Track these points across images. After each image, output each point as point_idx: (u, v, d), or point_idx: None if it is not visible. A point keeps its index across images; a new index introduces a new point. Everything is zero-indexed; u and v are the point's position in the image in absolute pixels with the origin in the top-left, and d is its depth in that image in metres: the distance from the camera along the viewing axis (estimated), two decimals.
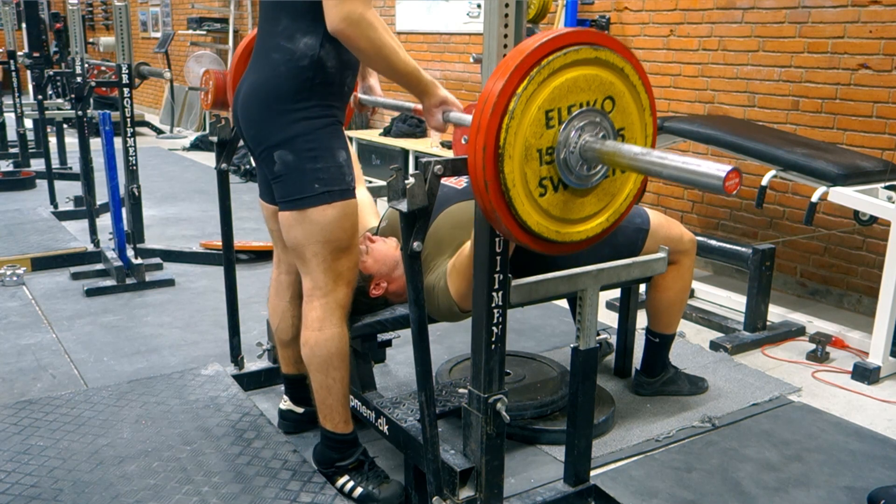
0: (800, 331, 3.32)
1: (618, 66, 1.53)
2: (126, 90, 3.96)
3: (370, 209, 2.60)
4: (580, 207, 1.58)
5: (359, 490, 2.07)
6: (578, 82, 1.49)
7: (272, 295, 2.33)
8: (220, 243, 2.64)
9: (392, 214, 2.37)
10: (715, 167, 1.29)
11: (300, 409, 2.42)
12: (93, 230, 4.22)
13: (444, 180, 1.90)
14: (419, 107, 2.03)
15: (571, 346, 1.92)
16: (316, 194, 1.91)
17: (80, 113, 4.02)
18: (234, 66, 2.38)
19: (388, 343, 2.33)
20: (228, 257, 2.63)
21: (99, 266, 3.98)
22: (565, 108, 1.49)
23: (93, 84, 4.22)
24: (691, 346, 3.15)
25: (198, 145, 8.24)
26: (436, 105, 1.90)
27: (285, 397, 2.44)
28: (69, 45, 5.53)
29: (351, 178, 1.96)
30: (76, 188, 5.22)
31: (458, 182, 2.32)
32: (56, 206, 5.17)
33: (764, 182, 3.11)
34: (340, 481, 2.09)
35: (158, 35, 10.69)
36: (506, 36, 1.52)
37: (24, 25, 8.19)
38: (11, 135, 7.12)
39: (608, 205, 1.61)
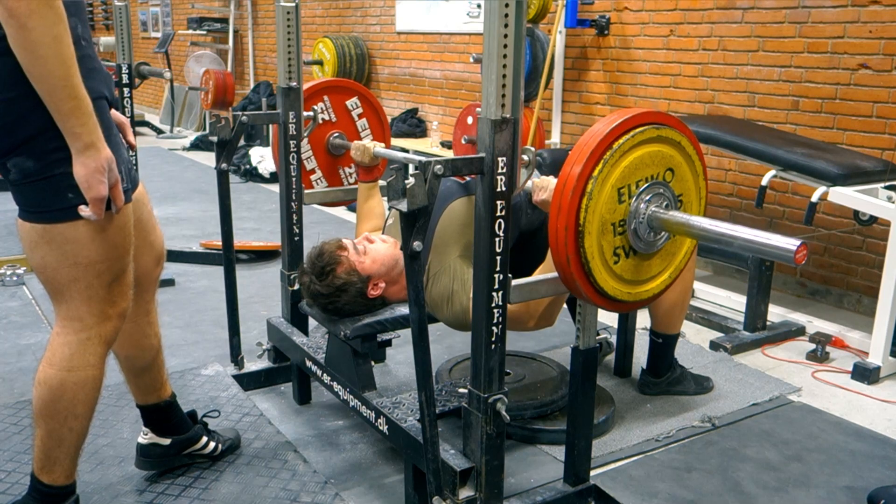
0: (800, 331, 3.32)
1: (675, 140, 1.68)
2: (126, 90, 3.96)
3: (381, 218, 2.61)
4: (647, 269, 1.73)
5: None
6: (644, 159, 1.63)
7: None
8: (220, 243, 2.65)
9: (396, 212, 2.38)
10: (785, 241, 1.47)
11: (167, 441, 2.08)
12: None
13: None
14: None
15: (571, 346, 1.92)
16: (70, 206, 1.50)
17: None
18: None
19: (388, 343, 2.33)
20: (228, 257, 2.63)
21: None
22: (634, 184, 1.63)
23: None
24: (691, 346, 3.15)
25: (198, 145, 8.24)
26: (97, 168, 1.45)
27: (146, 430, 2.07)
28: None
29: (125, 177, 1.57)
30: None
31: (461, 176, 2.32)
32: None
33: (764, 182, 3.11)
34: None
35: (158, 35, 10.70)
36: (506, 36, 1.52)
37: None
38: None
39: (670, 263, 1.78)
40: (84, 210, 1.50)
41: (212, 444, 2.15)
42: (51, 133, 1.45)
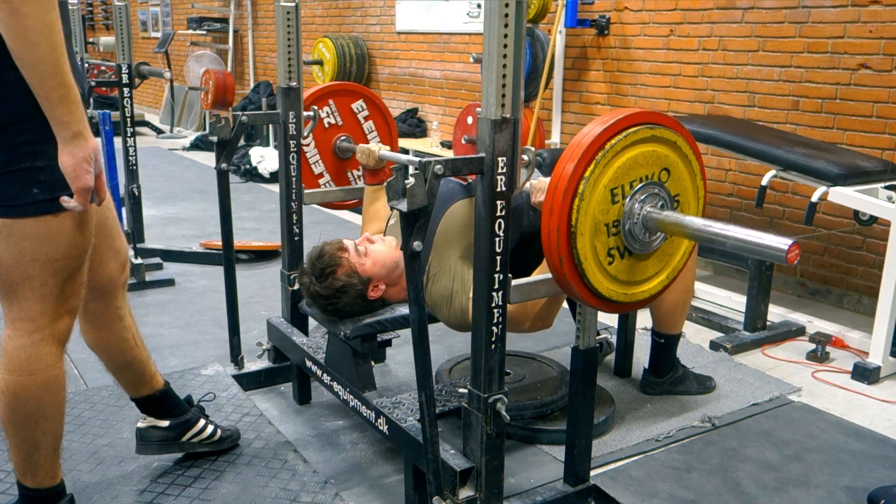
0: (800, 331, 3.32)
1: (671, 140, 1.67)
2: (126, 90, 3.96)
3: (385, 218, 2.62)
4: (643, 270, 1.72)
5: None
6: (638, 159, 1.62)
7: (85, 327, 1.91)
8: (220, 243, 2.65)
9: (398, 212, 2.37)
10: (776, 240, 1.46)
11: (165, 423, 2.09)
12: None
13: None
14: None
15: (571, 346, 1.92)
16: (34, 202, 1.48)
17: None
18: None
19: (388, 343, 2.33)
20: (228, 257, 2.63)
21: None
22: (627, 184, 1.63)
23: (93, 84, 4.22)
24: (691, 346, 3.15)
25: (198, 145, 8.24)
26: (85, 157, 1.43)
27: (143, 416, 2.09)
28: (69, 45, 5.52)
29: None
30: None
31: (463, 177, 2.32)
32: None
33: (764, 182, 3.11)
34: None
35: (158, 35, 10.70)
36: (506, 36, 1.52)
37: None
38: None
39: (667, 264, 1.76)
40: (68, 201, 1.48)
41: (210, 427, 2.17)
42: (21, 126, 1.45)
